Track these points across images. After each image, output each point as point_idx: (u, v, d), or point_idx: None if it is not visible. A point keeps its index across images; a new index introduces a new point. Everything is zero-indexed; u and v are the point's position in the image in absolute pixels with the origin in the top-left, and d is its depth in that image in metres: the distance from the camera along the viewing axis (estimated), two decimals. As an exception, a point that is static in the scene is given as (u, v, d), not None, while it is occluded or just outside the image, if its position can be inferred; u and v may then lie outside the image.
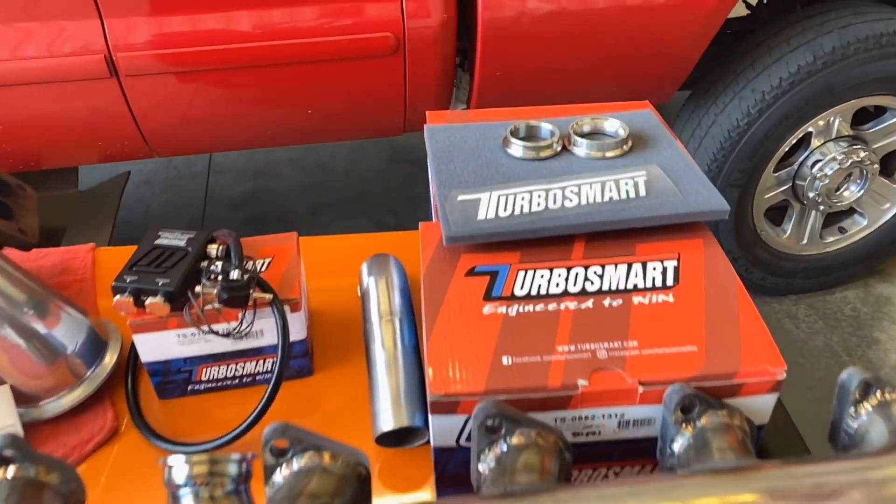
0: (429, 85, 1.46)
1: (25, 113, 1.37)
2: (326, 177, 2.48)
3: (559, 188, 0.55)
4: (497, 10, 1.35)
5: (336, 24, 1.32)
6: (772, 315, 1.88)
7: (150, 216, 2.36)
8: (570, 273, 0.50)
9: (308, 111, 1.46)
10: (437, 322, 0.46)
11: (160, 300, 0.52)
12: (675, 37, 1.46)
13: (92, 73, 1.31)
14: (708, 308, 0.47)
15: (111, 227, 1.87)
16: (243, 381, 0.60)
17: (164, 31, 1.29)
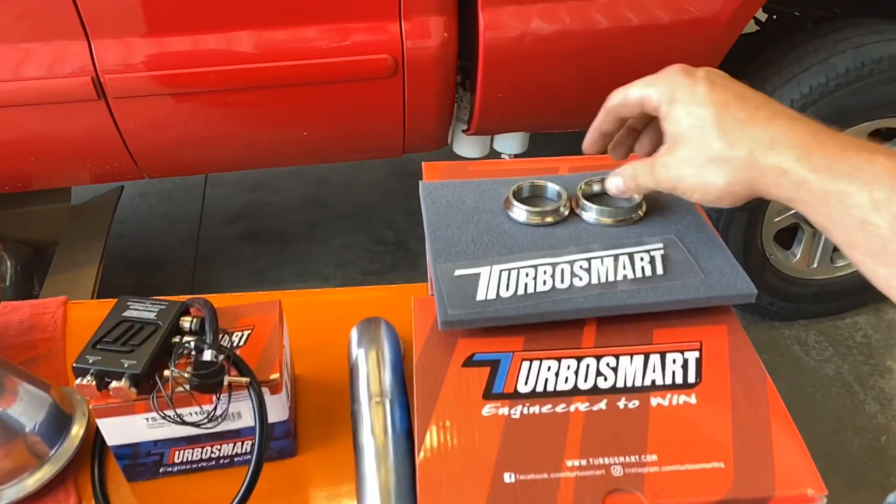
0: (428, 106, 1.41)
1: (13, 134, 1.32)
2: (325, 190, 2.43)
3: (567, 263, 0.49)
4: (499, 30, 1.30)
5: (332, 45, 1.27)
6: (781, 341, 1.83)
7: (145, 230, 2.31)
8: (580, 365, 0.45)
9: (304, 133, 1.41)
10: (429, 425, 0.41)
11: (125, 384, 0.47)
12: (684, 58, 1.40)
13: (79, 95, 1.26)
14: (735, 412, 0.42)
15: (103, 242, 1.82)
16: (220, 462, 0.55)
17: (152, 52, 1.24)
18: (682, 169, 0.45)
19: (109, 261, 2.11)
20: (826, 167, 0.40)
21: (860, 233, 0.39)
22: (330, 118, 1.39)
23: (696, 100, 0.44)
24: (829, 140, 0.40)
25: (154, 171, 1.46)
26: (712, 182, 0.44)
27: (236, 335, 0.53)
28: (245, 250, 2.18)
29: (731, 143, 0.43)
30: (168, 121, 1.34)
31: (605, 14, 1.31)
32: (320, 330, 0.66)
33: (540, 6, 1.30)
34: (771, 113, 0.43)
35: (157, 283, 2.08)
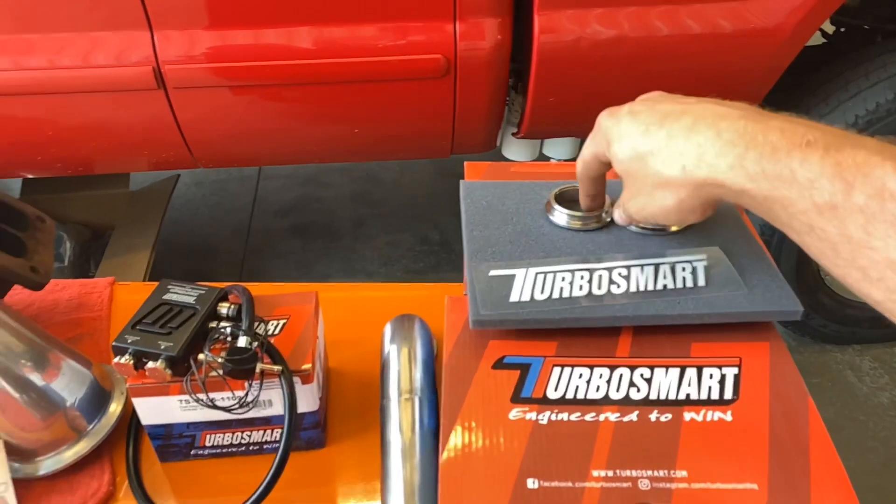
0: (479, 108, 1.40)
1: (76, 120, 1.37)
2: (374, 187, 2.44)
3: (605, 269, 0.48)
4: (554, 34, 1.29)
5: (385, 43, 1.28)
6: (833, 365, 1.77)
7: (198, 218, 2.36)
8: (612, 374, 0.44)
9: (354, 130, 1.42)
10: (455, 425, 0.41)
11: (161, 365, 0.48)
12: (744, 68, 1.38)
13: (140, 84, 1.29)
14: (772, 433, 0.40)
15: (157, 228, 1.87)
16: (250, 448, 0.55)
17: (211, 45, 1.27)
18: (638, 201, 0.46)
19: (163, 246, 2.17)
20: (761, 173, 0.38)
21: (809, 237, 0.37)
22: (380, 116, 1.40)
23: (623, 134, 0.45)
24: (759, 136, 0.38)
25: (208, 160, 1.49)
26: (666, 205, 0.44)
27: (272, 324, 0.54)
28: (293, 243, 2.21)
29: (663, 164, 0.42)
30: (223, 112, 1.36)
31: (665, 21, 1.29)
32: (357, 325, 0.66)
33: (598, 11, 1.28)
34: (693, 120, 0.41)
35: (207, 270, 2.13)
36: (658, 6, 1.28)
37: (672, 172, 0.42)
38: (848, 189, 0.34)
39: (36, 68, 1.27)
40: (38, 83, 1.28)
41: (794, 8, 1.31)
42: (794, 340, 1.82)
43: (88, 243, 1.94)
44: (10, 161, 1.47)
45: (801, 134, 0.37)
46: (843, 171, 0.35)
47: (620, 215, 0.52)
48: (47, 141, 1.39)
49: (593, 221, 0.53)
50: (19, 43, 1.25)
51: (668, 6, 1.28)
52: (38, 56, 1.26)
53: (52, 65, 1.26)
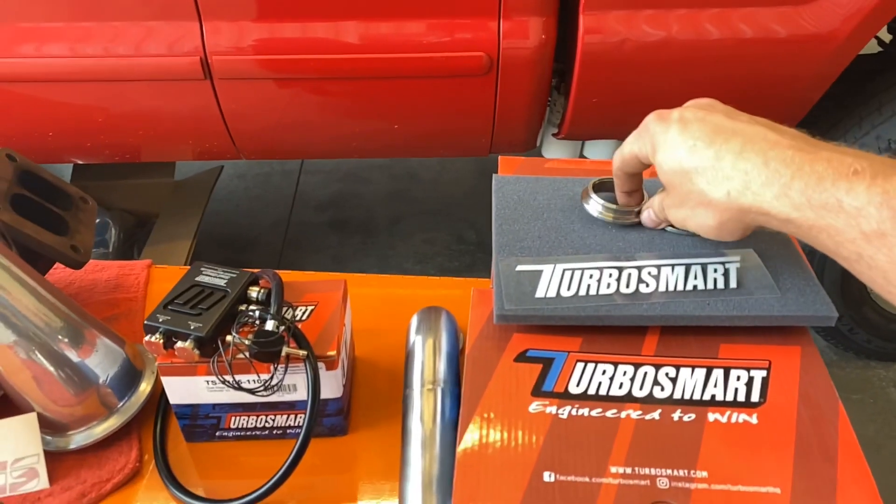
0: (519, 107, 1.40)
1: (125, 107, 1.40)
2: (413, 185, 2.45)
3: (635, 268, 0.48)
4: (599, 35, 1.28)
5: (429, 40, 1.28)
6: (876, 382, 1.71)
7: (240, 210, 2.40)
8: (637, 371, 0.43)
9: (395, 126, 1.43)
10: (473, 416, 0.41)
11: (190, 345, 0.49)
12: (795, 74, 1.34)
13: (187, 74, 1.32)
14: (799, 438, 0.39)
15: (199, 218, 1.91)
16: (273, 433, 0.56)
17: (257, 37, 1.29)
18: (679, 212, 0.45)
19: (204, 236, 2.21)
20: (806, 202, 0.37)
21: (858, 264, 0.37)
22: (421, 112, 1.41)
23: (671, 145, 0.44)
24: (806, 167, 0.38)
25: (250, 152, 1.51)
26: (707, 223, 0.43)
27: (300, 309, 0.55)
28: (331, 238, 2.23)
29: (709, 185, 0.41)
30: (267, 104, 1.38)
31: (714, 25, 1.27)
32: (386, 316, 0.67)
33: (645, 13, 1.27)
34: (741, 144, 0.41)
35: (245, 261, 2.16)
36: (707, 9, 1.26)
37: (717, 195, 0.41)
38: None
39: (87, 56, 1.30)
40: (89, 71, 1.32)
41: (848, 14, 1.28)
42: (837, 355, 1.77)
43: (132, 230, 1.98)
44: (62, 146, 1.52)
45: (847, 164, 0.37)
46: (890, 199, 0.34)
47: (650, 216, 0.52)
48: (97, 127, 1.43)
49: (628, 216, 0.52)
50: (72, 31, 1.29)
51: (718, 9, 1.26)
52: (89, 44, 1.29)
53: (103, 53, 1.30)
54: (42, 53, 1.29)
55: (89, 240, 0.64)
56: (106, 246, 1.90)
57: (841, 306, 1.58)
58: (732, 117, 0.43)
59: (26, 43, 1.29)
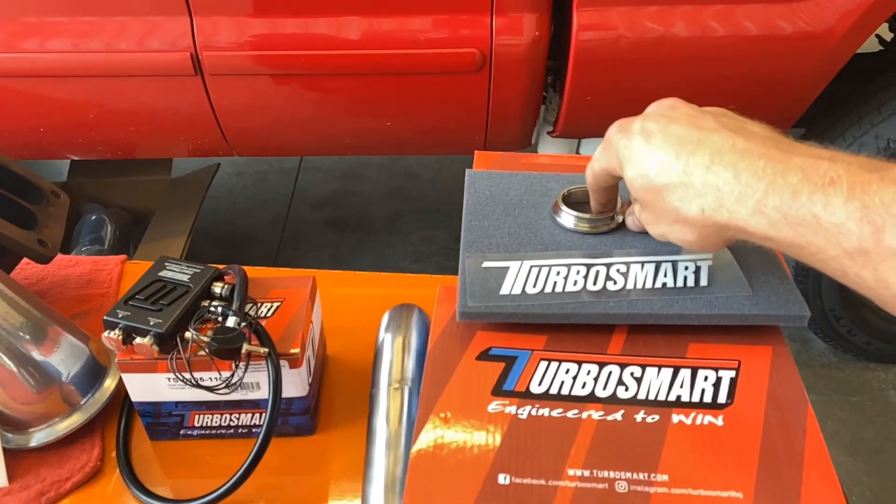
0: (513, 105, 1.38)
1: (116, 103, 1.40)
2: (411, 184, 2.44)
3: (604, 265, 0.46)
4: (594, 32, 1.26)
5: (420, 36, 1.27)
6: (875, 384, 1.69)
7: (237, 207, 2.40)
8: (601, 371, 0.42)
9: (387, 123, 1.42)
10: (430, 416, 0.39)
11: (149, 342, 0.48)
12: (791, 72, 1.33)
13: (178, 69, 1.31)
14: (765, 441, 0.38)
15: (195, 215, 1.90)
16: (239, 431, 0.55)
17: (249, 33, 1.28)
18: (658, 227, 0.43)
19: (201, 234, 2.21)
20: (783, 220, 0.35)
21: (846, 280, 0.35)
22: (413, 109, 1.39)
23: (636, 161, 0.41)
24: (779, 178, 0.35)
25: (242, 149, 1.50)
26: (686, 239, 0.41)
27: (265, 306, 0.53)
28: (328, 236, 2.22)
29: (681, 202, 0.39)
30: (258, 100, 1.37)
31: (708, 22, 1.25)
32: (360, 313, 0.65)
33: (639, 10, 1.25)
34: (709, 157, 0.38)
35: (242, 259, 2.15)
36: (703, 6, 1.25)
37: (691, 213, 0.39)
38: (878, 232, 0.32)
39: (75, 51, 1.29)
40: (77, 66, 1.31)
41: (845, 12, 1.26)
42: (836, 357, 1.75)
43: (129, 227, 1.98)
44: (53, 142, 1.51)
45: (822, 172, 0.34)
46: (870, 213, 0.32)
47: (635, 222, 0.50)
48: (87, 123, 1.42)
49: (603, 224, 0.51)
50: (61, 26, 1.28)
51: (712, 6, 1.24)
52: (77, 39, 1.29)
53: (91, 48, 1.29)
54: (30, 49, 1.29)
55: (58, 234, 0.63)
56: (102, 243, 1.89)
57: (840, 308, 1.56)
58: (696, 123, 0.40)
59: (14, 38, 1.28)
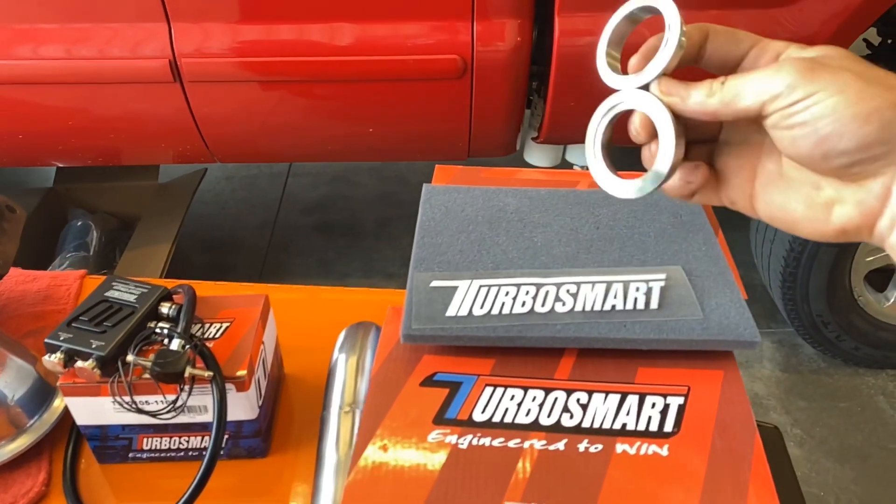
0: (496, 111, 1.37)
1: (97, 111, 1.38)
2: (401, 188, 2.43)
3: (554, 285, 0.45)
4: (575, 38, 1.25)
5: (401, 43, 1.26)
6: (864, 390, 1.68)
7: (226, 212, 2.38)
8: (547, 397, 0.41)
9: (369, 129, 1.41)
10: (368, 445, 0.38)
11: (90, 365, 0.46)
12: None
13: (157, 76, 1.30)
14: (710, 472, 0.37)
15: (180, 221, 1.89)
16: (189, 454, 0.53)
17: (228, 39, 1.27)
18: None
19: (189, 239, 2.19)
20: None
21: None
22: (395, 116, 1.38)
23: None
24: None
25: (224, 155, 1.49)
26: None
27: (214, 326, 0.52)
28: (316, 241, 2.21)
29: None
30: (238, 107, 1.36)
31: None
32: (320, 329, 0.64)
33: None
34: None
35: (229, 264, 2.14)
36: (685, 11, 1.23)
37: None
38: None
39: (56, 58, 1.28)
40: (57, 73, 1.30)
41: (829, 17, 1.25)
42: (825, 363, 1.74)
43: (115, 233, 1.97)
44: (34, 149, 1.50)
45: None
46: None
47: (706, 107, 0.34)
48: (68, 130, 1.41)
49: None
50: (41, 33, 1.27)
51: (695, 11, 1.23)
52: (58, 46, 1.28)
53: (71, 55, 1.28)
54: (8, 56, 1.27)
55: (11, 250, 0.62)
56: (87, 249, 1.88)
57: (828, 313, 1.55)
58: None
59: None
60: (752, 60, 0.36)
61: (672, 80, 0.36)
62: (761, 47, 0.35)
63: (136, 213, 1.97)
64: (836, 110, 0.29)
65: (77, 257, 1.84)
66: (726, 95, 0.33)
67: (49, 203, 1.93)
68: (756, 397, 1.69)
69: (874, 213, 0.31)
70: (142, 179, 2.03)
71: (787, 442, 1.65)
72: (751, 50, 0.35)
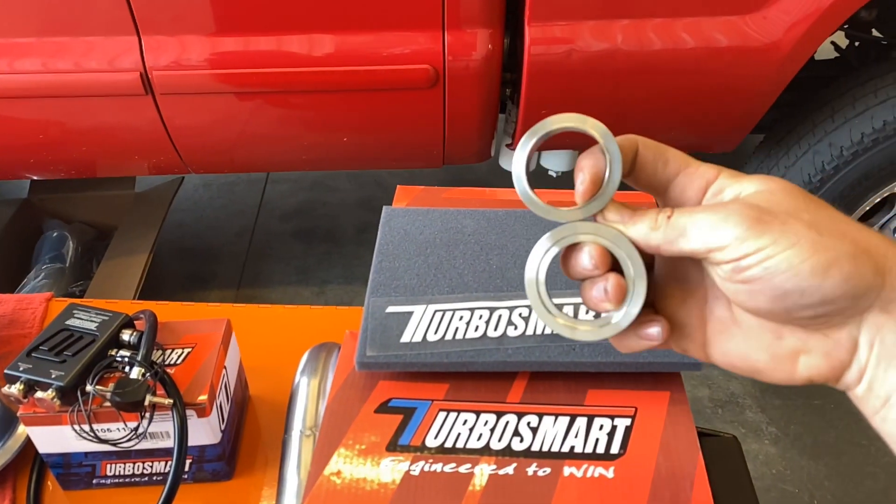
0: (469, 119, 1.38)
1: (69, 124, 1.38)
2: (381, 193, 2.44)
3: (507, 308, 0.46)
4: (545, 46, 1.26)
5: (373, 53, 1.27)
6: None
7: (204, 220, 2.38)
8: (498, 421, 0.42)
9: (343, 138, 1.41)
10: (321, 473, 0.39)
11: (50, 395, 0.47)
12: (744, 83, 1.33)
13: (128, 89, 1.30)
14: (653, 494, 0.38)
15: (157, 230, 1.88)
16: (153, 479, 0.54)
17: (199, 51, 1.26)
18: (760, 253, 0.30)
19: (166, 248, 2.19)
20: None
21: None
22: (369, 125, 1.39)
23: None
24: None
25: (199, 167, 1.49)
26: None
27: (175, 352, 0.53)
28: (296, 247, 2.21)
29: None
30: (211, 119, 1.36)
31: (659, 35, 1.25)
32: (284, 350, 0.64)
33: (591, 23, 1.26)
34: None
35: (208, 273, 2.14)
36: (653, 19, 1.25)
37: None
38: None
39: (28, 72, 1.28)
40: (27, 87, 1.29)
41: (794, 22, 1.27)
42: (799, 361, 1.76)
43: (91, 243, 1.96)
44: (9, 163, 1.49)
45: None
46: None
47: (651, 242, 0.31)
48: (40, 144, 1.40)
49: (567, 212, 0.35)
50: (14, 47, 1.26)
51: (663, 19, 1.25)
52: (30, 60, 1.27)
53: (41, 69, 1.27)
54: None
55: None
56: (63, 260, 1.86)
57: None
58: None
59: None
60: (680, 189, 0.32)
61: (619, 205, 0.32)
62: (689, 174, 0.32)
63: (113, 222, 1.96)
64: (791, 265, 0.28)
65: (53, 269, 1.82)
66: (670, 233, 0.30)
67: (24, 214, 1.92)
68: (732, 396, 1.72)
69: (843, 365, 0.30)
70: (118, 189, 2.01)
71: (763, 440, 1.67)
72: (678, 175, 0.32)
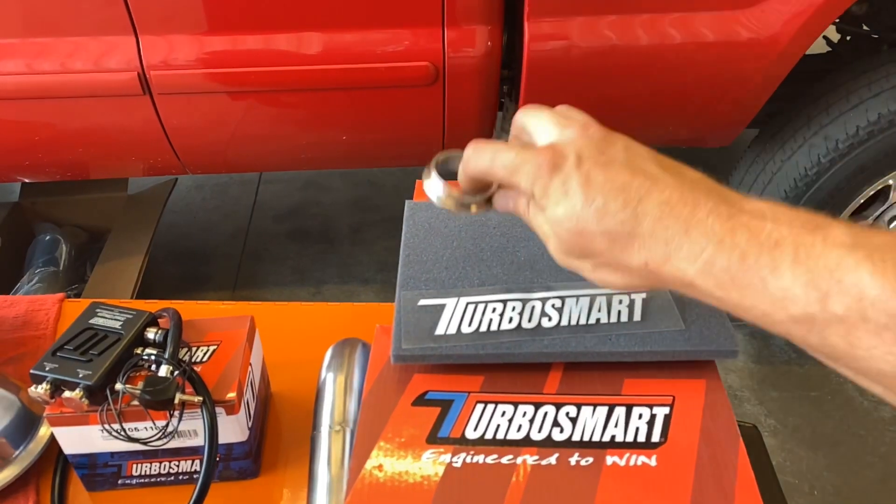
0: (469, 115, 1.38)
1: (65, 125, 1.37)
2: (374, 193, 2.43)
3: (539, 300, 0.46)
4: (544, 42, 1.27)
5: (373, 51, 1.26)
6: (834, 378, 1.72)
7: (197, 222, 2.36)
8: (537, 412, 0.42)
9: (342, 137, 1.41)
10: (363, 467, 0.39)
11: (78, 395, 0.46)
12: (740, 78, 1.34)
13: (126, 89, 1.29)
14: (697, 479, 0.38)
15: (152, 232, 1.87)
16: (179, 478, 0.53)
17: (197, 51, 1.26)
18: (573, 262, 0.38)
19: (161, 250, 2.17)
20: (730, 281, 0.34)
21: (793, 341, 0.34)
22: (368, 123, 1.38)
23: (570, 203, 0.36)
24: (727, 238, 0.33)
25: (196, 167, 1.48)
26: (615, 283, 0.38)
27: (201, 350, 0.52)
28: (290, 248, 2.20)
29: (623, 252, 0.36)
30: (209, 118, 1.35)
31: (656, 31, 1.26)
32: (305, 346, 0.64)
33: (589, 19, 1.26)
34: (659, 208, 0.35)
35: (203, 275, 2.12)
36: (651, 14, 1.26)
37: (633, 263, 0.36)
38: (823, 298, 0.31)
39: (21, 73, 1.26)
40: (23, 88, 1.28)
41: (790, 17, 1.28)
42: (795, 353, 1.78)
43: (85, 246, 1.94)
44: (1, 166, 1.47)
45: (767, 232, 0.33)
46: (815, 278, 0.31)
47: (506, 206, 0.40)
48: (35, 145, 1.39)
49: (471, 207, 0.42)
50: (5, 48, 1.25)
51: (659, 15, 1.25)
52: (23, 61, 1.26)
53: (37, 70, 1.26)
54: (-29, 72, 1.25)
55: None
56: (56, 264, 1.84)
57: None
58: (638, 166, 0.36)
59: (-47, 62, 1.25)
60: None
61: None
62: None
63: (106, 225, 1.94)
64: None
65: (47, 273, 1.80)
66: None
67: (15, 218, 1.90)
68: (730, 389, 1.73)
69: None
70: (111, 191, 1.99)
71: (763, 432, 1.68)
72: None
